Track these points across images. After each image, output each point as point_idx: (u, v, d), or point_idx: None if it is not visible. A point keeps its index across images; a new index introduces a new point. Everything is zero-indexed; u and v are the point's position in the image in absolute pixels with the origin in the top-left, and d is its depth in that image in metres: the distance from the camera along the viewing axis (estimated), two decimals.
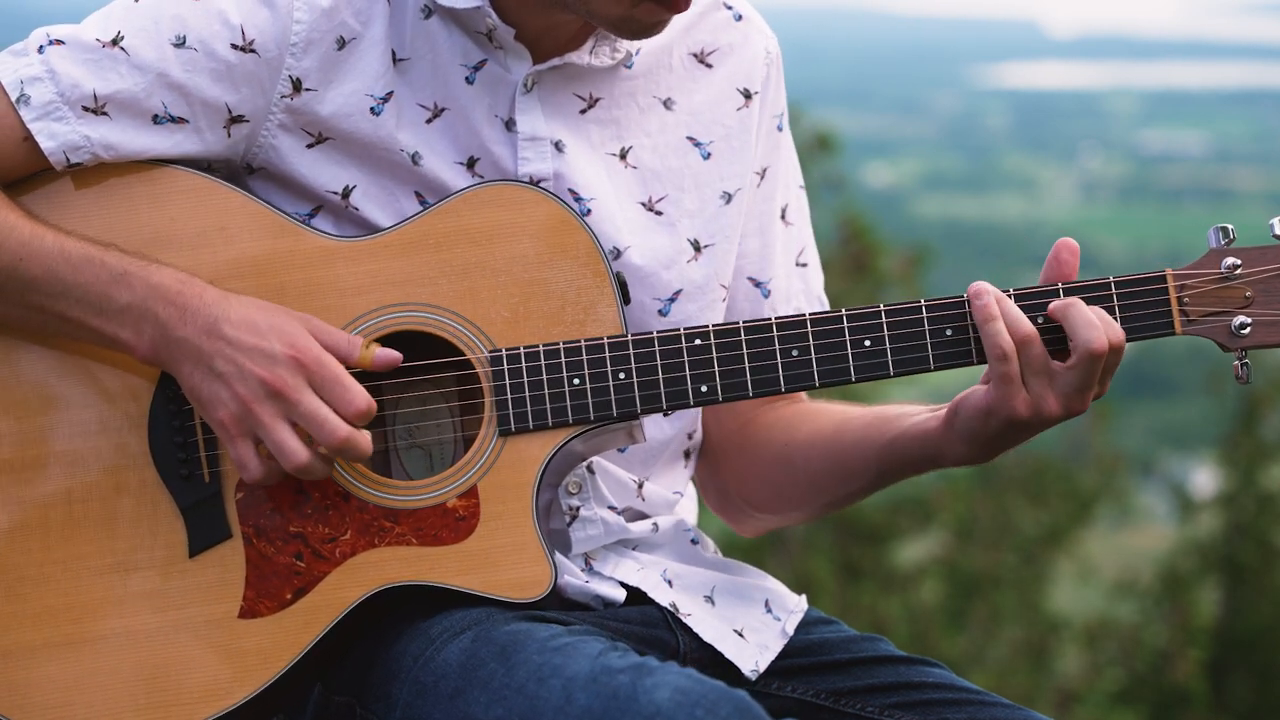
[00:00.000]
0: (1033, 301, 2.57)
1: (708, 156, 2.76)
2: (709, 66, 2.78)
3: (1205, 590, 18.96)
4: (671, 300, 2.71)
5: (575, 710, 2.29)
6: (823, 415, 2.84)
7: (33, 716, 2.53)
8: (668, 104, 2.75)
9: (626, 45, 2.69)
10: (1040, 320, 2.56)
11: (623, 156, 2.72)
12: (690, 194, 2.75)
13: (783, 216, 2.87)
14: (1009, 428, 2.57)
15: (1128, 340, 2.57)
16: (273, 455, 2.49)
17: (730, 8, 2.82)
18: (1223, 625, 18.67)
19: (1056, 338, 2.55)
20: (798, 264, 2.89)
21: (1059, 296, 2.57)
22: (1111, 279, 2.57)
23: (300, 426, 2.48)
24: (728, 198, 2.77)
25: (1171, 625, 18.27)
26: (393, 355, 2.52)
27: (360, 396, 2.48)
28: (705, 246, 2.75)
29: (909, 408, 2.74)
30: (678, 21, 2.74)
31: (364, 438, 2.49)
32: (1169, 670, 17.88)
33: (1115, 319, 2.57)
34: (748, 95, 2.80)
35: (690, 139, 2.76)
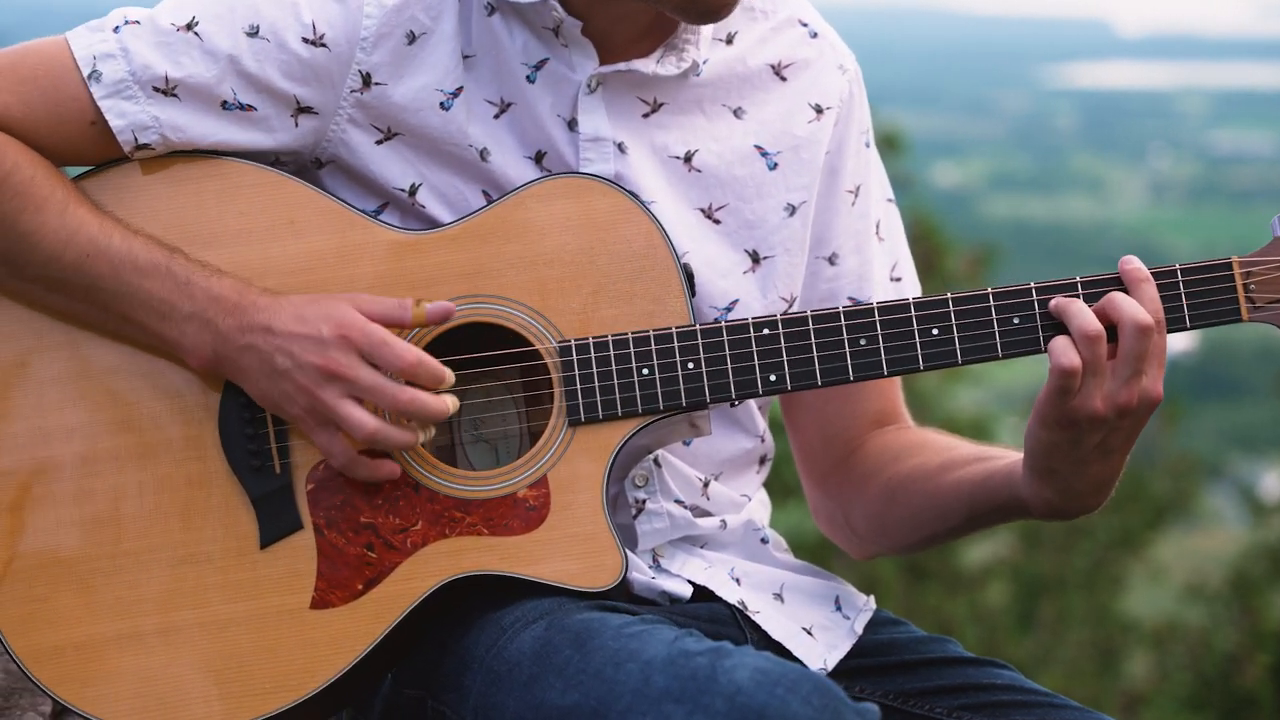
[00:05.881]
0: (1100, 290, 2.55)
1: (774, 167, 2.75)
2: (783, 79, 2.77)
3: (1276, 594, 18.77)
4: (728, 310, 2.70)
5: (654, 692, 2.27)
6: (929, 450, 2.81)
7: (106, 709, 2.54)
8: (738, 113, 2.74)
9: (693, 55, 2.68)
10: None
11: (687, 160, 2.71)
12: (752, 204, 2.73)
13: (876, 232, 2.85)
14: (1063, 435, 2.52)
15: (1192, 327, 2.55)
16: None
17: (806, 25, 2.81)
18: None
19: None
20: (891, 279, 2.87)
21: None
22: (1178, 266, 2.56)
23: (368, 402, 2.49)
24: (791, 210, 2.75)
25: (1241, 629, 18.10)
26: (446, 306, 2.52)
27: (406, 350, 2.48)
28: (764, 258, 2.74)
29: (1009, 451, 2.71)
30: (751, 33, 2.75)
31: (434, 397, 2.49)
32: (1237, 675, 17.72)
33: (1183, 306, 2.55)
34: (819, 110, 2.78)
35: (758, 148, 2.74)
